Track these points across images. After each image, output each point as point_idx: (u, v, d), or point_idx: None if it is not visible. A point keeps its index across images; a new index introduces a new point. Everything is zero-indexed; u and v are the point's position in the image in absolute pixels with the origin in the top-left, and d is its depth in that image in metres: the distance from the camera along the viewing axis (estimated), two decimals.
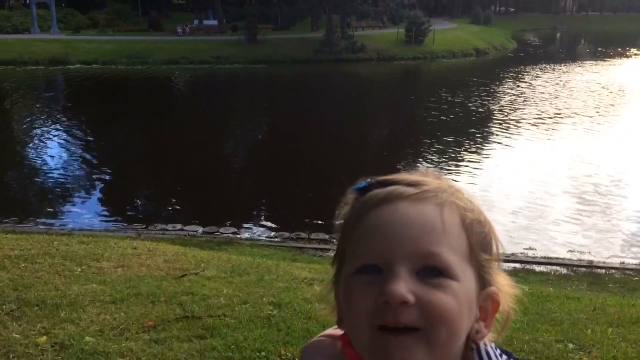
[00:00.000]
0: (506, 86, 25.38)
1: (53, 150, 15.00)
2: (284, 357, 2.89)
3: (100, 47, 34.31)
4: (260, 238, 9.36)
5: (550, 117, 18.48)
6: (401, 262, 0.64)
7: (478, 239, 0.68)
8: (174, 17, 53.22)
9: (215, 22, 43.86)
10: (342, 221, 0.73)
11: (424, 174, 0.73)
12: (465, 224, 0.67)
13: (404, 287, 0.62)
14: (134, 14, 49.71)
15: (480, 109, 20.29)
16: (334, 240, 0.76)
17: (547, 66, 32.40)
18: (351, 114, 20.68)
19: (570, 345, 3.14)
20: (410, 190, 0.68)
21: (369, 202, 0.69)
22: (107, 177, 13.04)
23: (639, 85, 24.48)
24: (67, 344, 2.99)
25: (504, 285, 0.71)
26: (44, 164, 13.77)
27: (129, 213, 10.78)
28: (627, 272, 7.88)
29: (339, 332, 0.75)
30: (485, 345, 0.72)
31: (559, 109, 19.81)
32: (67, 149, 15.25)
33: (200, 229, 9.48)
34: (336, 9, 38.12)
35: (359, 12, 39.87)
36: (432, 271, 0.64)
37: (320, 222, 9.94)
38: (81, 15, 45.36)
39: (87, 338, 3.06)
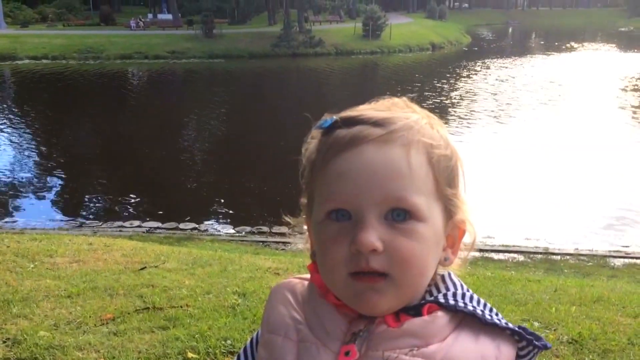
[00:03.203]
0: (461, 80, 25.79)
1: (2, 149, 14.42)
2: None
3: (50, 42, 33.23)
4: (221, 233, 9.22)
5: (504, 109, 18.85)
6: (369, 209, 0.65)
7: (444, 175, 0.70)
8: (127, 11, 52.18)
9: (169, 16, 43.08)
10: (308, 159, 0.73)
11: (392, 105, 0.72)
12: (432, 162, 0.68)
13: (374, 235, 0.64)
14: (85, 7, 48.49)
15: (436, 101, 20.54)
16: (296, 234, 0.82)
17: (500, 60, 33.09)
18: (310, 109, 20.45)
19: (536, 324, 3.17)
20: (377, 131, 0.67)
21: (335, 145, 0.68)
22: (60, 176, 12.61)
23: (584, 79, 25.22)
24: (20, 339, 2.83)
25: (466, 211, 0.73)
26: None
27: (83, 211, 10.47)
28: (581, 257, 8.08)
29: (306, 276, 0.78)
30: (450, 275, 0.74)
31: (511, 101, 20.24)
32: (17, 148, 14.69)
33: (158, 225, 9.26)
34: (293, 3, 38.01)
35: (316, 6, 39.89)
36: (400, 214, 0.66)
37: (281, 216, 9.85)
38: (29, 9, 43.92)
39: (41, 333, 2.90)
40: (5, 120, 17.56)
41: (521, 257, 8.05)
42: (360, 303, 0.67)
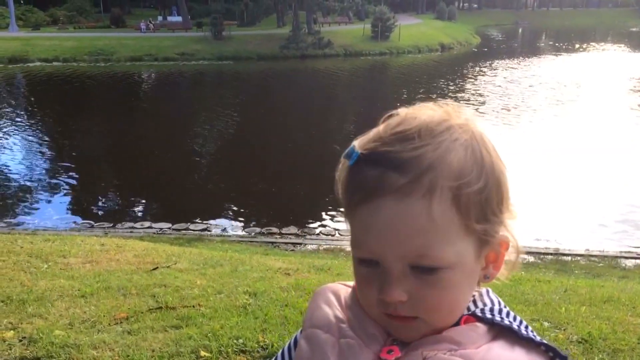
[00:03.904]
0: (470, 80, 25.72)
1: (14, 151, 14.56)
2: (262, 344, 2.84)
3: (61, 44, 33.51)
4: (231, 234, 9.26)
5: (513, 110, 18.79)
6: (394, 262, 0.66)
7: (475, 211, 0.67)
8: (137, 13, 52.53)
9: (179, 19, 43.28)
10: (339, 189, 0.73)
11: (425, 126, 0.68)
12: (458, 205, 0.65)
13: (398, 288, 0.66)
14: (95, 10, 48.81)
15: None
16: (305, 235, 0.75)
17: (510, 61, 32.95)
18: (318, 110, 20.67)
19: (546, 324, 3.18)
20: (398, 181, 0.64)
21: (359, 192, 0.68)
22: (72, 177, 12.71)
23: (594, 80, 25.05)
24: (36, 338, 2.88)
25: (512, 226, 0.72)
26: (5, 165, 13.35)
27: (95, 212, 10.55)
28: (592, 258, 8.04)
29: (349, 283, 0.81)
30: (489, 292, 0.75)
31: (521, 102, 20.17)
32: (29, 149, 14.83)
33: (169, 226, 9.32)
34: (302, 4, 38.05)
35: (325, 8, 39.90)
36: (425, 266, 0.66)
37: (290, 217, 9.89)
38: (41, 12, 44.29)
39: (57, 332, 2.95)
40: (16, 122, 17.74)
41: (531, 258, 8.03)
42: (395, 334, 0.71)
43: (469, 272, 0.69)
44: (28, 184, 12.16)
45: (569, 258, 8.01)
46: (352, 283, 0.79)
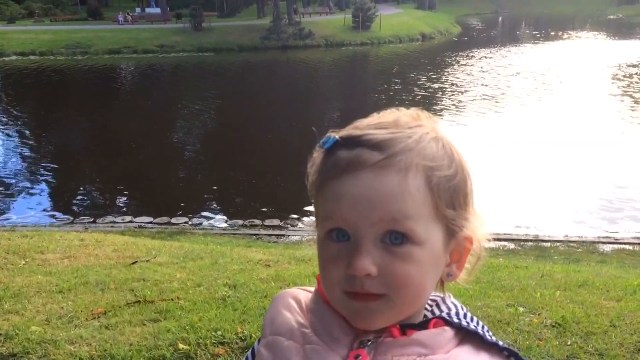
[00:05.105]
0: (449, 70, 25.82)
1: None
2: (240, 335, 2.85)
3: (37, 37, 33.02)
4: (214, 226, 9.23)
5: (491, 99, 18.91)
6: (366, 231, 0.66)
7: (445, 196, 0.69)
8: (114, 5, 51.84)
9: (158, 10, 42.82)
10: (312, 176, 0.74)
11: (398, 119, 0.72)
12: (430, 185, 0.67)
13: (368, 260, 0.66)
14: (72, 2, 48.07)
15: (426, 93, 20.58)
16: (288, 226, 0.75)
17: (489, 50, 33.12)
18: (300, 101, 20.62)
19: (521, 309, 3.22)
20: (375, 156, 0.67)
21: (334, 169, 0.69)
22: (51, 173, 12.57)
23: (572, 68, 25.30)
24: (12, 334, 2.86)
25: (476, 227, 0.73)
26: None
27: (75, 208, 10.44)
28: (571, 244, 8.15)
29: (309, 288, 0.81)
30: (450, 297, 0.77)
31: (499, 91, 20.31)
32: (6, 145, 14.62)
33: (150, 220, 9.26)
34: None
35: None
36: (398, 237, 0.67)
37: (272, 208, 9.89)
38: (16, 4, 43.50)
39: (33, 327, 2.93)
40: None
41: (511, 245, 8.11)
42: (356, 320, 0.69)
43: (436, 258, 0.70)
44: (6, 179, 11.99)
45: (549, 244, 8.11)
46: (311, 288, 0.79)
